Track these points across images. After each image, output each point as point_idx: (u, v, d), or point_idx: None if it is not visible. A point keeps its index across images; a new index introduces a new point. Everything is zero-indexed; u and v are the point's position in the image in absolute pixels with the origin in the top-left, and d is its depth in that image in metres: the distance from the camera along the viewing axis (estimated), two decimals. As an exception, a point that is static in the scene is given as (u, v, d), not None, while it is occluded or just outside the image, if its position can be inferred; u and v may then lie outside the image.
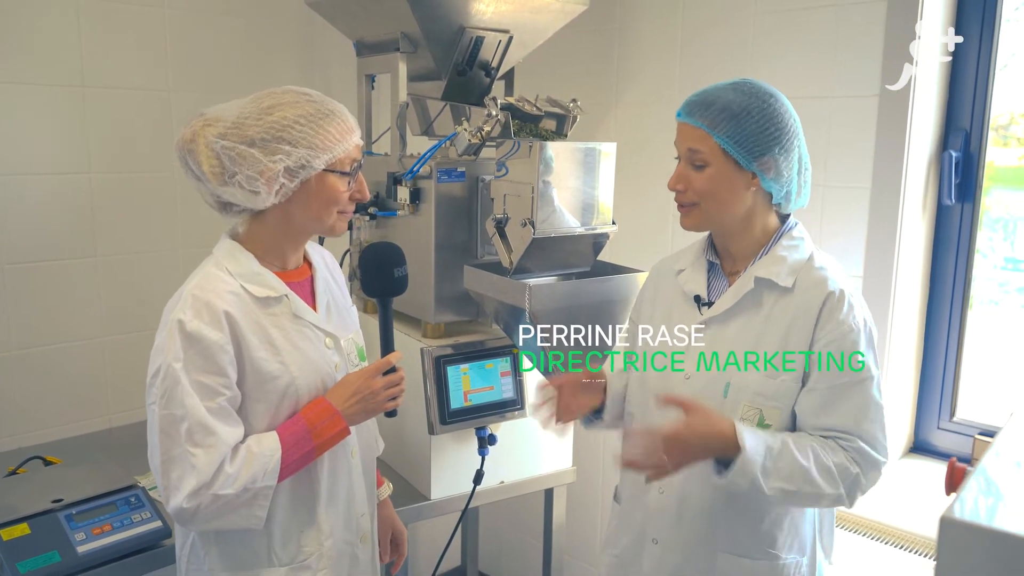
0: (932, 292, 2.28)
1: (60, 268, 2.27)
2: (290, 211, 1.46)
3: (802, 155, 1.53)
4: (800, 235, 1.56)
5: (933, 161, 2.19)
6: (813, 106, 2.19)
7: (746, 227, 1.54)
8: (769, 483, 1.41)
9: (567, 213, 1.91)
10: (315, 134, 1.40)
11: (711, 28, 2.40)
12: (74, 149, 2.27)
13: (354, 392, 1.50)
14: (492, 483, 2.16)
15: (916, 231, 2.17)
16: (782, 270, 1.51)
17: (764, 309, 1.51)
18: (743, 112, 1.46)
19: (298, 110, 1.41)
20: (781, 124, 1.48)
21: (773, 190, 1.50)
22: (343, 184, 1.46)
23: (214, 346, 1.37)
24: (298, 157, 1.39)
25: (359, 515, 1.61)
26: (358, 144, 1.48)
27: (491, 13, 2.07)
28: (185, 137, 1.41)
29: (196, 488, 1.34)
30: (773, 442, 1.43)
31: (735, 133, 1.45)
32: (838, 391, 1.46)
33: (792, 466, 1.42)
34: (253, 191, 1.40)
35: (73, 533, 1.69)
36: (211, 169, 1.40)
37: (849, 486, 1.45)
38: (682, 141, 1.52)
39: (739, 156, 1.46)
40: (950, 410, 2.29)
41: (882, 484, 2.11)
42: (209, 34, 2.47)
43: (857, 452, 1.45)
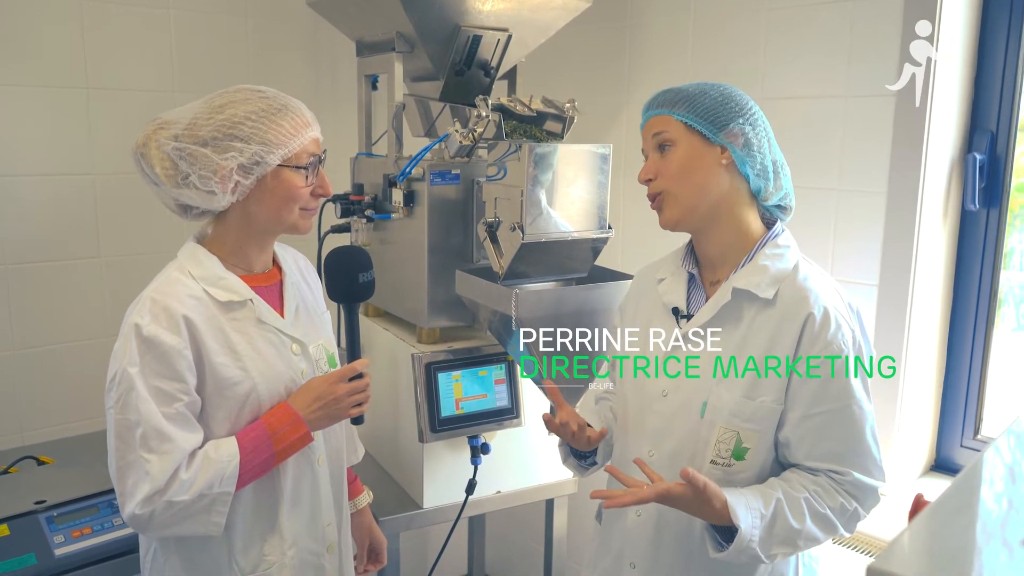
0: (956, 301, 2.15)
1: (64, 268, 2.29)
2: (250, 210, 1.44)
3: (775, 154, 1.46)
4: (786, 243, 1.47)
5: (956, 164, 2.06)
6: (827, 106, 2.10)
7: (724, 221, 1.46)
8: (767, 552, 1.35)
9: (560, 217, 1.85)
10: (267, 130, 1.38)
11: (723, 25, 2.32)
12: (78, 150, 2.29)
13: (316, 397, 1.47)
14: (488, 493, 2.11)
15: (936, 238, 2.06)
16: (763, 280, 1.42)
17: (744, 323, 1.43)
18: (699, 93, 1.44)
19: (249, 107, 1.39)
20: (740, 101, 1.44)
21: (746, 168, 1.42)
22: (300, 179, 1.43)
23: (171, 351, 1.35)
24: (251, 154, 1.37)
25: (325, 524, 1.58)
26: (315, 138, 1.45)
27: (488, 11, 2.02)
28: (138, 142, 1.41)
29: (149, 494, 1.32)
30: (766, 510, 1.35)
31: (694, 107, 1.42)
32: (826, 421, 1.37)
33: (788, 531, 1.35)
34: (208, 191, 1.38)
35: (52, 535, 1.69)
36: (164, 172, 1.38)
37: (847, 522, 1.39)
38: (646, 135, 1.48)
39: (703, 128, 1.41)
40: (974, 427, 2.17)
41: (899, 504, 2.03)
42: (214, 34, 2.47)
43: (852, 485, 1.38)
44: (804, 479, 1.39)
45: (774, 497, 1.36)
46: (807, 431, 1.38)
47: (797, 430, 1.39)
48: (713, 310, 1.45)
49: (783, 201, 1.50)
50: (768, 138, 1.46)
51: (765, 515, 1.34)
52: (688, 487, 1.31)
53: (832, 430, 1.38)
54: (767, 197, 1.47)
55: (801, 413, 1.38)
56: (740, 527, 1.31)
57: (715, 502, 1.32)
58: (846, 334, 1.38)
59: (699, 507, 1.34)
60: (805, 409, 1.38)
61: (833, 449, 1.38)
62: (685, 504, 1.34)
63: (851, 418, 1.38)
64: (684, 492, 1.31)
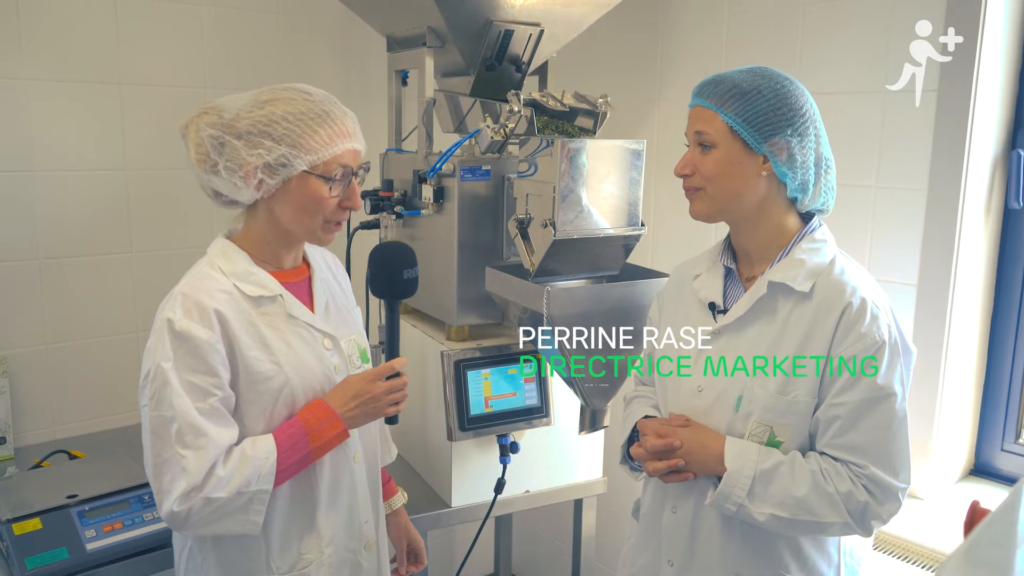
0: (997, 302, 2.10)
1: (96, 263, 2.30)
2: (275, 210, 1.43)
3: (822, 148, 1.42)
4: (823, 237, 1.44)
5: (1000, 161, 2.01)
6: (866, 101, 2.05)
7: (759, 221, 1.43)
8: (758, 508, 1.34)
9: (593, 214, 1.82)
10: (301, 134, 1.36)
11: (759, 19, 2.27)
12: (111, 146, 2.30)
13: (354, 395, 1.45)
14: (517, 492, 2.09)
15: (977, 236, 2.00)
16: (799, 274, 1.39)
17: (780, 316, 1.40)
18: (753, 91, 1.37)
19: (290, 107, 1.37)
20: (795, 106, 1.37)
21: (787, 179, 1.39)
22: (325, 190, 1.41)
23: (204, 345, 1.34)
24: (279, 155, 1.36)
25: (362, 522, 1.56)
26: (352, 150, 1.43)
27: (520, 5, 2.00)
28: (182, 123, 1.42)
29: (186, 491, 1.31)
30: (767, 466, 1.34)
31: (744, 111, 1.36)
32: (856, 411, 1.34)
33: (785, 492, 1.33)
34: (233, 183, 1.37)
35: (84, 530, 1.69)
36: (197, 155, 1.39)
37: (858, 515, 1.34)
38: (691, 125, 1.44)
39: (748, 136, 1.36)
40: (1016, 430, 2.11)
41: (938, 509, 1.99)
42: (246, 30, 2.47)
43: (869, 479, 1.34)
44: (821, 459, 1.37)
45: (779, 460, 1.36)
46: (833, 419, 1.36)
47: (824, 417, 1.37)
48: (748, 304, 1.43)
49: (822, 207, 1.46)
50: (816, 143, 1.41)
51: (764, 471, 1.35)
52: (679, 418, 1.45)
53: (860, 424, 1.34)
54: (804, 206, 1.44)
55: (830, 401, 1.36)
56: (728, 468, 1.36)
57: (714, 445, 1.40)
58: (882, 326, 1.35)
59: (702, 451, 1.41)
60: (834, 397, 1.35)
61: (857, 441, 1.34)
62: (692, 446, 1.42)
63: (881, 412, 1.34)
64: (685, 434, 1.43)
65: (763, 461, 1.36)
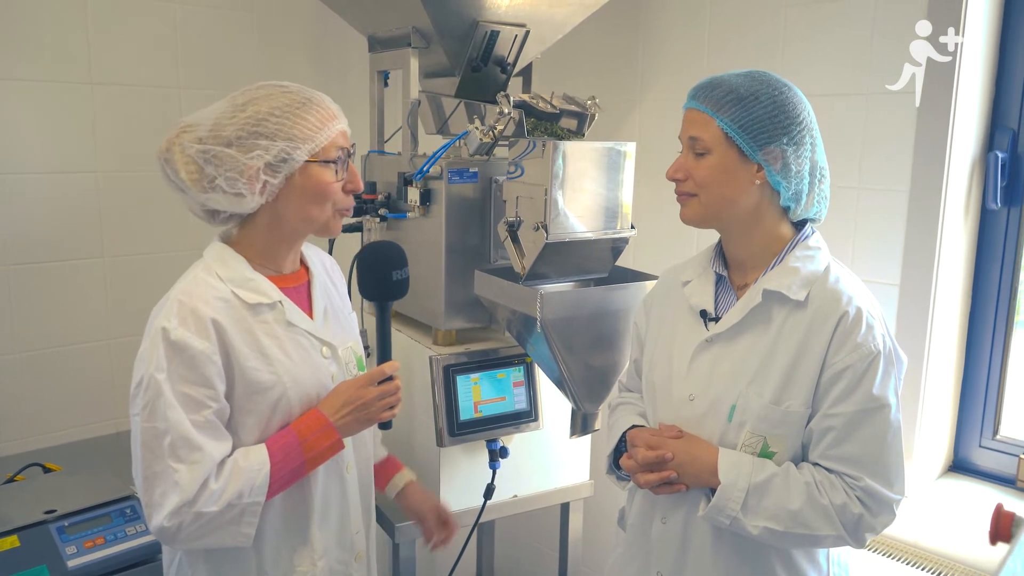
0: (975, 301, 2.14)
1: (66, 269, 2.23)
2: (279, 211, 1.39)
3: (817, 157, 1.41)
4: (817, 245, 1.44)
5: (977, 162, 2.05)
6: (848, 103, 2.08)
7: (752, 228, 1.42)
8: (752, 521, 1.33)
9: (583, 216, 1.81)
10: (293, 125, 1.33)
11: (741, 20, 2.29)
12: (82, 147, 2.24)
13: (346, 402, 1.42)
14: (505, 496, 2.07)
15: (957, 237, 2.04)
16: (793, 282, 1.38)
17: (774, 326, 1.39)
18: (750, 96, 1.35)
19: (272, 103, 1.34)
20: (792, 113, 1.36)
21: (780, 188, 1.38)
22: (330, 174, 1.38)
23: (200, 356, 1.30)
24: (277, 151, 1.32)
25: (354, 532, 1.54)
26: (342, 131, 1.40)
27: (506, 6, 1.98)
28: (162, 147, 1.35)
29: (178, 506, 1.27)
30: (760, 478, 1.33)
31: (740, 117, 1.34)
32: (850, 422, 1.33)
33: (779, 505, 1.32)
34: (236, 193, 1.33)
35: (64, 546, 1.64)
36: (190, 176, 1.33)
37: (852, 527, 1.33)
38: (685, 129, 1.42)
39: (743, 143, 1.34)
40: (993, 427, 2.15)
41: (918, 505, 2.01)
42: (220, 29, 2.42)
43: (864, 492, 1.33)
44: (815, 470, 1.36)
45: (773, 472, 1.34)
46: (828, 430, 1.35)
47: (819, 428, 1.36)
48: (742, 312, 1.42)
49: (815, 216, 1.46)
50: (812, 152, 1.39)
51: (758, 483, 1.33)
52: (671, 429, 1.42)
53: (855, 435, 1.33)
54: (796, 216, 1.43)
55: (825, 412, 1.35)
56: (721, 481, 1.34)
57: (706, 457, 1.38)
58: (877, 336, 1.35)
59: (694, 464, 1.38)
60: (829, 408, 1.35)
61: (852, 452, 1.34)
62: (684, 458, 1.39)
63: (876, 423, 1.33)
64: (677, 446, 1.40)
65: (757, 474, 1.34)
